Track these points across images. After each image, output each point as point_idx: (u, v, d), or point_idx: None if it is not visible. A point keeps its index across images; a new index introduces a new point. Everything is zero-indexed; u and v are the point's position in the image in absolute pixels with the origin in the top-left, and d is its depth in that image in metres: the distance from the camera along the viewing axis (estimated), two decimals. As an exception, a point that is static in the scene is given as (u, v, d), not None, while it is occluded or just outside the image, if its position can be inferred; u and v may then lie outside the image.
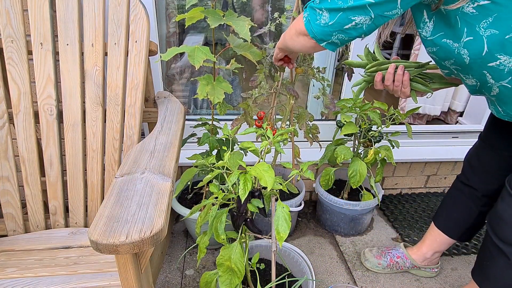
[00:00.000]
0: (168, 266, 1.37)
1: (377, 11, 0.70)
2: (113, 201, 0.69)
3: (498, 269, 0.90)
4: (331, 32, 0.76)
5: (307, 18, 0.78)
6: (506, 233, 0.87)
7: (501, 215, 0.89)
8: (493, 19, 0.68)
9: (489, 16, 0.68)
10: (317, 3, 0.76)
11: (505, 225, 0.88)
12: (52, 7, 1.03)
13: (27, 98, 1.05)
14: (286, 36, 0.90)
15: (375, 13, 0.71)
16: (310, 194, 1.81)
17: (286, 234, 0.80)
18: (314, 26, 0.77)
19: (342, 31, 0.75)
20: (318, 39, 0.79)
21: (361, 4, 0.70)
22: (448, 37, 0.75)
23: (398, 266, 1.35)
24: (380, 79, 0.94)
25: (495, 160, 1.04)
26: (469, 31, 0.71)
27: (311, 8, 0.77)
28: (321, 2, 0.75)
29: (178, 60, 1.71)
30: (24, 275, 0.89)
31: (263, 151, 0.88)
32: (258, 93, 1.20)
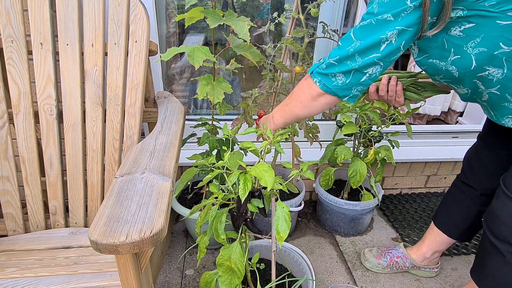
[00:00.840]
0: (168, 266, 1.37)
1: (385, 60, 0.75)
2: (113, 201, 0.69)
3: (495, 267, 0.91)
4: (350, 87, 0.81)
5: (322, 83, 0.82)
6: (501, 230, 0.88)
7: (495, 213, 0.90)
8: (480, 39, 0.70)
9: (476, 37, 0.70)
10: (323, 68, 0.81)
11: (500, 222, 0.88)
12: (52, 7, 1.03)
13: (27, 98, 1.05)
14: (296, 110, 0.90)
15: (384, 62, 0.76)
16: (310, 194, 1.81)
17: (286, 234, 0.80)
18: (333, 87, 0.81)
19: (360, 84, 0.80)
20: (340, 96, 0.83)
21: (371, 62, 0.75)
22: (434, 57, 0.79)
23: (398, 266, 1.35)
24: (374, 90, 0.98)
25: (494, 160, 1.05)
26: (456, 51, 0.74)
27: (322, 75, 0.82)
28: (329, 68, 0.80)
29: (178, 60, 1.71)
30: (24, 275, 0.89)
31: (263, 151, 0.88)
32: (258, 93, 1.20)
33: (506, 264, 0.87)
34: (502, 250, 0.88)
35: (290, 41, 1.11)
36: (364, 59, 0.75)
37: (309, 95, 0.85)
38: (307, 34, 1.11)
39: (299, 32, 1.10)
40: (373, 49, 0.73)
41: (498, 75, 0.73)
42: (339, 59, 0.77)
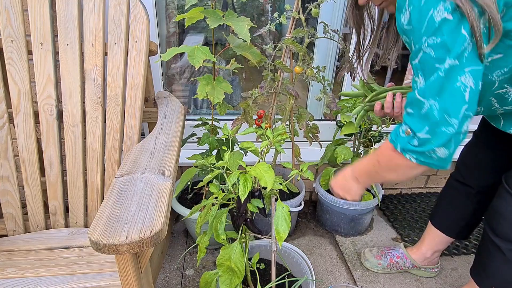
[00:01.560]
0: (168, 266, 1.37)
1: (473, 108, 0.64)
2: (113, 201, 0.69)
3: (496, 266, 0.91)
4: (452, 153, 0.68)
5: (420, 161, 0.69)
6: (503, 229, 0.88)
7: (498, 211, 0.89)
8: (508, 69, 0.66)
9: (504, 67, 0.66)
10: (416, 145, 0.68)
11: (503, 220, 0.88)
12: (52, 7, 1.03)
13: (27, 98, 1.05)
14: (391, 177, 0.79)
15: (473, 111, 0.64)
16: (310, 194, 1.81)
17: (286, 234, 0.80)
18: (437, 162, 0.68)
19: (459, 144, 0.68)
20: (447, 167, 0.70)
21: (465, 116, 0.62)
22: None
23: (398, 266, 1.35)
24: (380, 108, 0.94)
25: (489, 157, 1.05)
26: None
27: (418, 153, 0.69)
28: (424, 145, 0.66)
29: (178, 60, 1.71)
30: (24, 275, 0.89)
31: (263, 151, 0.88)
32: (258, 93, 1.20)
33: (507, 262, 0.87)
34: (503, 249, 0.88)
35: (291, 41, 1.11)
36: (459, 116, 0.61)
37: (408, 167, 0.72)
38: (307, 34, 1.11)
39: (300, 32, 1.10)
40: (459, 101, 0.61)
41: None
42: (431, 130, 0.64)
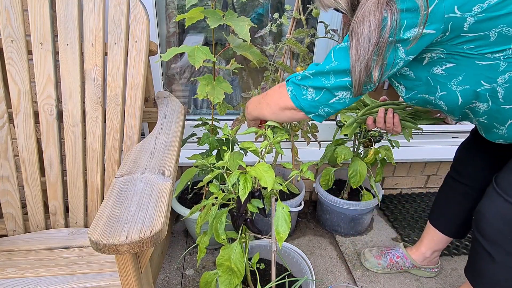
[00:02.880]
0: (168, 266, 1.37)
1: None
2: (113, 201, 0.69)
3: (484, 266, 0.91)
4: (318, 105, 0.80)
5: (292, 93, 0.82)
6: (486, 230, 0.88)
7: (482, 211, 0.90)
8: (462, 77, 0.73)
9: (458, 75, 0.73)
10: (299, 79, 0.80)
11: (485, 222, 0.88)
12: (52, 7, 1.03)
13: (27, 98, 1.05)
14: (265, 112, 0.91)
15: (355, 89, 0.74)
16: (310, 194, 1.81)
17: (286, 234, 0.80)
18: (302, 101, 0.81)
19: (327, 105, 0.80)
20: (306, 111, 0.82)
21: (343, 85, 0.75)
22: (422, 93, 0.81)
23: (398, 266, 1.35)
24: (372, 122, 1.01)
25: (484, 155, 1.06)
26: (442, 88, 0.76)
27: (295, 84, 0.81)
28: (303, 79, 0.79)
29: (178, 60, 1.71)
30: (24, 275, 0.89)
31: (263, 151, 0.88)
32: (258, 93, 1.20)
33: (494, 263, 0.88)
34: (489, 250, 0.88)
35: (293, 41, 1.11)
36: (337, 80, 0.74)
37: (278, 104, 0.86)
38: (307, 35, 1.11)
39: (301, 33, 1.10)
40: (347, 74, 0.73)
41: (484, 107, 0.76)
42: (315, 73, 0.77)
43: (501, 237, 0.86)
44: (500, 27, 0.65)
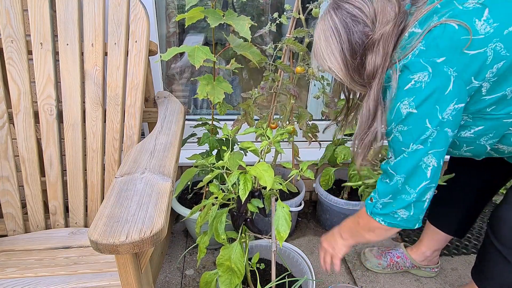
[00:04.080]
0: (168, 266, 1.37)
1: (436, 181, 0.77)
2: (113, 201, 0.69)
3: (497, 270, 0.91)
4: (418, 217, 0.81)
5: (386, 222, 0.83)
6: (505, 235, 0.88)
7: (502, 217, 0.89)
8: (493, 134, 0.77)
9: (489, 134, 0.77)
10: (381, 208, 0.83)
11: (505, 227, 0.87)
12: (52, 7, 1.03)
13: (27, 98, 1.05)
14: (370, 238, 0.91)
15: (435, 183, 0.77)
16: (310, 194, 1.81)
17: (286, 233, 0.80)
18: (400, 222, 0.81)
19: (424, 210, 0.81)
20: (411, 226, 0.82)
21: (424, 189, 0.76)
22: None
23: (398, 266, 1.35)
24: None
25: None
26: (469, 144, 0.82)
27: (382, 215, 0.83)
28: (386, 207, 0.81)
29: (178, 60, 1.71)
30: (24, 275, 0.89)
31: (263, 151, 0.88)
32: (258, 93, 1.20)
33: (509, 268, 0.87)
34: (505, 255, 0.87)
35: (292, 41, 1.11)
36: (417, 189, 0.76)
37: (382, 229, 0.86)
38: (307, 34, 1.11)
39: (301, 32, 1.10)
40: (420, 178, 0.75)
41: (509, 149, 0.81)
42: (393, 196, 0.79)
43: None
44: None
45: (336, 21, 0.75)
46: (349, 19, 0.74)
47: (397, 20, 0.72)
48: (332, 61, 0.77)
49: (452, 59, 0.67)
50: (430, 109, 0.69)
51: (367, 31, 0.73)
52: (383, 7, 0.71)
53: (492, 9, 0.67)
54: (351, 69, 0.76)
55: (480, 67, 0.67)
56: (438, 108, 0.69)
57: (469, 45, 0.66)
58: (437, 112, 0.69)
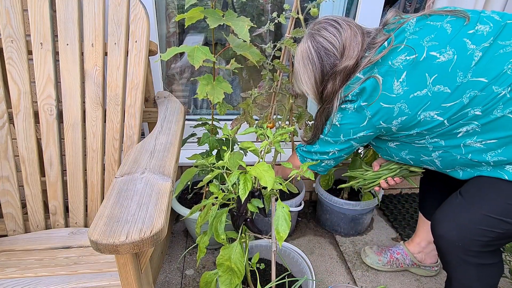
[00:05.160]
0: (168, 266, 1.37)
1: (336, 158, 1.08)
2: (113, 201, 0.69)
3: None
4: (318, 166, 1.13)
5: (303, 158, 1.15)
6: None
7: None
8: (408, 151, 1.00)
9: (405, 149, 1.00)
10: (303, 150, 1.14)
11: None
12: (52, 7, 1.03)
13: (27, 98, 1.05)
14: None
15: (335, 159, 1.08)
16: (310, 194, 1.81)
17: (286, 234, 0.80)
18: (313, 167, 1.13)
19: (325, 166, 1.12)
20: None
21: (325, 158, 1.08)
22: (385, 155, 1.11)
23: (398, 263, 1.35)
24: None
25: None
26: (396, 154, 1.05)
27: (301, 155, 1.15)
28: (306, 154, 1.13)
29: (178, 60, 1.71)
30: (24, 275, 0.89)
31: (263, 151, 0.88)
32: (258, 93, 1.20)
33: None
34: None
35: (290, 42, 1.11)
36: (322, 156, 1.08)
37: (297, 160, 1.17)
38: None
39: (299, 32, 1.10)
40: (325, 154, 1.07)
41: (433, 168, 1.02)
42: (307, 151, 1.11)
43: None
44: (416, 130, 0.90)
45: (313, 52, 0.94)
46: (323, 52, 0.93)
47: (357, 58, 0.90)
48: (308, 84, 0.99)
49: (371, 106, 0.89)
50: (347, 129, 0.96)
51: (336, 63, 0.92)
52: (350, 43, 0.91)
53: (409, 73, 0.85)
54: (318, 92, 0.99)
55: (387, 116, 0.89)
56: (351, 131, 0.96)
57: (384, 100, 0.87)
58: (350, 133, 0.96)
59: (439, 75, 0.83)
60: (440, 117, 0.85)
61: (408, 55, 0.85)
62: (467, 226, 0.88)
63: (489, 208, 0.86)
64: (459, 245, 0.90)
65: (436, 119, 0.86)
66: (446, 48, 0.83)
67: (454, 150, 0.90)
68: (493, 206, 0.86)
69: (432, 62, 0.83)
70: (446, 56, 0.83)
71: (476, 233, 0.87)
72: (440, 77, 0.83)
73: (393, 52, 0.87)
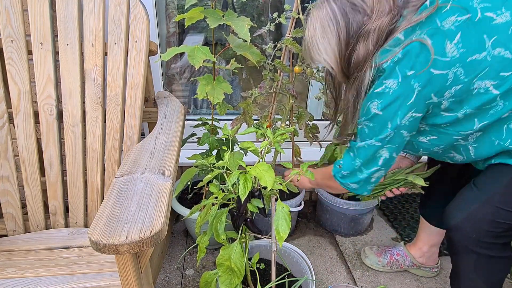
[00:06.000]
0: (168, 266, 1.37)
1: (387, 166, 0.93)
2: (113, 201, 0.69)
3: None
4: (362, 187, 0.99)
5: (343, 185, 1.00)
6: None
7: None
8: (444, 145, 0.89)
9: (441, 144, 0.90)
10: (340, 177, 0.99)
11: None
12: (52, 7, 1.03)
13: (27, 98, 1.05)
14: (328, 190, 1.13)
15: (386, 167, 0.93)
16: (310, 194, 1.81)
17: (286, 234, 0.80)
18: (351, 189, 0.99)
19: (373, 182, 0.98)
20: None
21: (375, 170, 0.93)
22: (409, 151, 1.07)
23: (398, 264, 1.35)
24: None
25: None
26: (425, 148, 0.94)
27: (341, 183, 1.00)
28: (344, 178, 0.98)
29: (178, 60, 1.71)
30: (24, 275, 0.89)
31: (263, 151, 0.88)
32: (258, 92, 1.20)
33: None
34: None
35: (291, 41, 1.11)
36: (369, 171, 0.92)
37: (338, 188, 1.03)
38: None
39: (299, 32, 1.10)
40: (373, 164, 0.90)
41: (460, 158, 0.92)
42: (351, 173, 0.95)
43: None
44: (465, 109, 0.79)
45: (335, 10, 0.77)
46: (349, 8, 0.77)
47: (392, 16, 0.76)
48: (328, 52, 0.81)
49: (420, 75, 0.75)
50: (392, 113, 0.80)
51: (365, 21, 0.76)
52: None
53: (464, 34, 0.74)
54: (342, 58, 0.80)
55: (440, 86, 0.77)
56: (399, 114, 0.79)
57: (435, 65, 0.74)
58: (397, 118, 0.80)
59: (498, 37, 0.74)
60: (495, 90, 0.76)
61: (460, 16, 0.75)
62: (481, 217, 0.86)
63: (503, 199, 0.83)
64: (473, 236, 0.87)
65: (490, 91, 0.76)
66: (501, 10, 0.74)
67: (494, 134, 0.82)
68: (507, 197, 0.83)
69: (489, 23, 0.75)
70: (503, 18, 0.74)
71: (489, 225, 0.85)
72: (499, 40, 0.74)
73: (439, 12, 0.75)
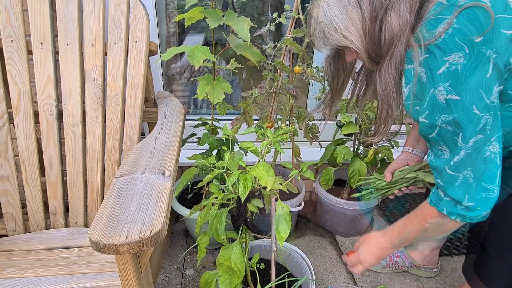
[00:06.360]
0: (168, 266, 1.37)
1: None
2: (113, 201, 0.69)
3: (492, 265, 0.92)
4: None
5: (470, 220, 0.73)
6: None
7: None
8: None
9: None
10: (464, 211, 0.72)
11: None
12: (52, 7, 1.03)
13: (27, 98, 1.05)
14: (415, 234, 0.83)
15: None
16: (310, 194, 1.81)
17: (286, 233, 0.80)
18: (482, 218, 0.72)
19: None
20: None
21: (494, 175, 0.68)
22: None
23: (397, 265, 1.35)
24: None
25: None
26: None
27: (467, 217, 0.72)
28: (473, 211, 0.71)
29: (178, 60, 1.71)
30: (24, 275, 0.89)
31: (263, 151, 0.88)
32: (258, 92, 1.20)
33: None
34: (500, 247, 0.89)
35: (291, 41, 1.11)
36: (497, 181, 0.68)
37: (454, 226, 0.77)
38: (307, 34, 1.11)
39: (299, 32, 1.10)
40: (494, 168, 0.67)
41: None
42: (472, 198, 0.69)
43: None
44: None
45: None
46: None
47: None
48: (349, 27, 0.64)
49: (491, 39, 0.59)
50: (474, 94, 0.61)
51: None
52: None
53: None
54: (369, 37, 0.64)
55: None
56: (483, 92, 0.61)
57: (505, 24, 0.60)
58: (483, 96, 0.61)
59: None
60: None
61: None
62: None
63: None
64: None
65: None
66: None
67: None
68: None
69: None
70: None
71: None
72: None
73: None
